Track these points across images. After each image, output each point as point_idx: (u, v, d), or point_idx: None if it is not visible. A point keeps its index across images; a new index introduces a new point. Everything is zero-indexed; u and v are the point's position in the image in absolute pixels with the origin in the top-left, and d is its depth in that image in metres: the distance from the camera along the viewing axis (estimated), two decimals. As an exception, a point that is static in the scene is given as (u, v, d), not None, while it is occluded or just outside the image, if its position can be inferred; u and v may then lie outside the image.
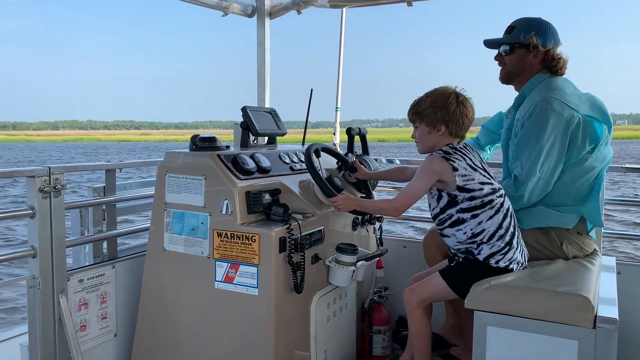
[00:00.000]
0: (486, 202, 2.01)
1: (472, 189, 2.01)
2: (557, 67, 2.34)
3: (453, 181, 2.01)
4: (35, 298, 2.04)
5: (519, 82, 2.42)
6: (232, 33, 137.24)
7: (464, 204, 2.02)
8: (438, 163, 2.03)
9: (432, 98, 2.10)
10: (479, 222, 2.01)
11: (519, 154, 2.23)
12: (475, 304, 1.91)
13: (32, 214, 2.00)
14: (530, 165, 2.17)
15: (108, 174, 2.46)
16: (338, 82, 3.65)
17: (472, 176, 2.02)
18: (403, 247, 3.08)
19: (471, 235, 2.03)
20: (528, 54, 2.34)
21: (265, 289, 2.01)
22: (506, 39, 2.40)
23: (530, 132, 2.19)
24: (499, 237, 2.01)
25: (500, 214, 2.02)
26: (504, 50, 2.40)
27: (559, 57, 2.34)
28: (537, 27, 2.34)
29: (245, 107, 2.52)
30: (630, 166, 2.79)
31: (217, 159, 2.13)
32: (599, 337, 1.72)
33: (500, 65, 2.45)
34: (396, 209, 2.10)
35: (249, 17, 3.65)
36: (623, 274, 2.58)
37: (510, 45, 2.37)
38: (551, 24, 2.38)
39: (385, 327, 2.69)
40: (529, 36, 2.31)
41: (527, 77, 2.38)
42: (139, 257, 2.44)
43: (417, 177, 2.07)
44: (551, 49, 2.33)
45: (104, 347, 2.36)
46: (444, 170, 2.02)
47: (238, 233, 2.04)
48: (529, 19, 2.40)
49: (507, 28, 2.42)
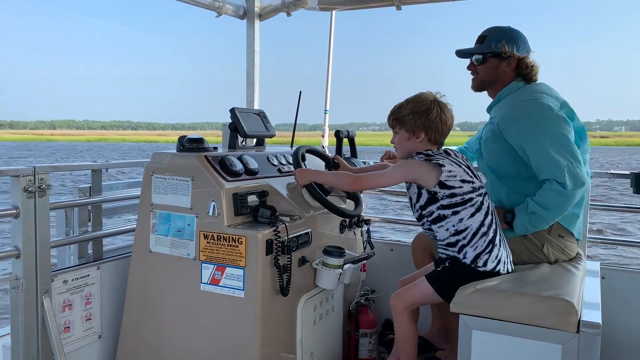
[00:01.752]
0: (466, 200, 2.02)
1: (452, 186, 2.02)
2: (530, 74, 2.37)
3: (434, 178, 2.02)
4: (18, 299, 2.02)
5: (493, 90, 2.44)
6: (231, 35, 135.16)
7: (444, 200, 2.03)
8: (416, 165, 2.06)
9: (413, 105, 2.12)
10: (460, 219, 2.02)
11: (537, 161, 2.18)
12: (460, 307, 1.92)
13: (15, 213, 1.98)
14: (555, 163, 2.13)
15: (94, 174, 2.44)
16: (327, 84, 3.65)
17: (455, 173, 2.03)
18: (390, 250, 3.08)
19: (454, 232, 2.03)
20: (501, 62, 2.36)
21: (251, 291, 2.00)
22: (478, 48, 2.41)
23: (533, 134, 2.18)
24: (482, 235, 2.02)
25: (482, 212, 2.03)
26: (476, 60, 2.42)
27: (531, 65, 2.37)
28: (508, 36, 2.36)
29: (234, 108, 2.52)
30: (615, 172, 2.82)
31: (204, 160, 2.12)
32: (582, 342, 1.73)
33: (473, 74, 2.46)
34: (356, 182, 2.17)
35: (241, 19, 3.65)
36: (607, 278, 2.60)
37: (483, 55, 2.39)
38: (522, 33, 2.40)
39: (372, 330, 2.69)
40: (501, 45, 2.33)
41: (500, 85, 2.40)
42: (125, 258, 2.42)
43: (391, 170, 2.14)
44: (524, 57, 2.36)
45: (88, 348, 2.34)
46: (421, 172, 2.04)
47: (225, 235, 2.03)
48: (499, 28, 2.42)
49: (479, 37, 2.44)
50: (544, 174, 2.17)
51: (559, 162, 2.13)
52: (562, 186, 2.12)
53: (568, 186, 2.11)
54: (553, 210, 2.16)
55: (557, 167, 2.13)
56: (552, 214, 2.17)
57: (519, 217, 2.21)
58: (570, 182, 2.12)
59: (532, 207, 2.17)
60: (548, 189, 2.15)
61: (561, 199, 2.13)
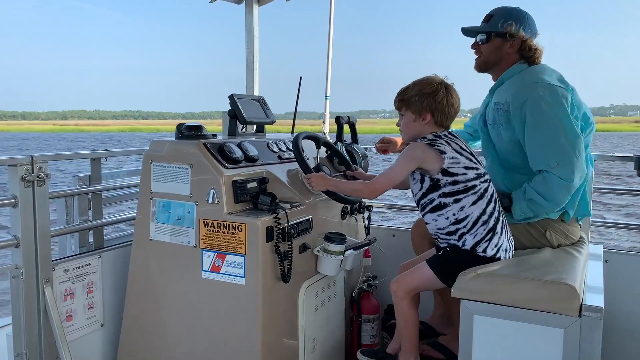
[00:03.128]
0: (469, 187, 2.00)
1: (455, 173, 2.00)
2: (533, 57, 2.33)
3: (437, 166, 2.00)
4: (19, 288, 2.02)
5: (496, 71, 2.41)
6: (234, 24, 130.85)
7: (447, 188, 2.01)
8: (420, 150, 2.03)
9: (420, 86, 2.09)
10: (461, 207, 2.00)
11: (538, 148, 2.15)
12: (461, 293, 1.91)
13: (14, 203, 1.97)
14: (556, 150, 2.11)
15: (93, 162, 2.43)
16: (327, 70, 3.62)
17: (457, 160, 2.01)
18: (392, 236, 3.07)
19: (454, 221, 2.02)
20: (505, 43, 2.33)
21: (252, 278, 2.00)
22: (483, 27, 2.38)
23: (538, 122, 2.15)
24: (482, 223, 2.00)
25: (484, 199, 2.01)
26: (480, 39, 2.38)
27: (535, 48, 2.33)
28: (515, 17, 2.32)
29: (233, 95, 2.49)
30: (619, 154, 2.79)
31: (203, 147, 2.11)
32: (584, 326, 1.72)
33: (476, 53, 2.43)
34: (372, 191, 2.12)
35: (238, 4, 3.61)
36: (611, 262, 2.59)
37: (487, 34, 2.35)
38: (529, 14, 2.35)
39: (374, 316, 2.70)
40: (507, 25, 2.30)
41: (503, 66, 2.36)
42: (126, 247, 2.42)
43: (398, 162, 2.09)
44: (528, 39, 2.32)
45: (91, 337, 2.35)
46: (426, 157, 2.01)
47: (225, 222, 2.02)
48: (507, 8, 2.38)
49: (485, 16, 2.40)
50: (538, 164, 2.15)
51: (554, 151, 2.10)
52: (558, 176, 2.10)
53: (564, 177, 2.09)
54: (551, 199, 2.13)
55: (552, 156, 2.10)
56: (550, 203, 2.14)
57: (517, 203, 2.19)
58: (566, 172, 2.09)
59: (530, 194, 2.15)
60: (544, 178, 2.13)
61: (558, 189, 2.11)
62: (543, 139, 2.13)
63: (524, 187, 2.18)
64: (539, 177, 2.15)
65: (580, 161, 2.11)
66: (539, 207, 2.16)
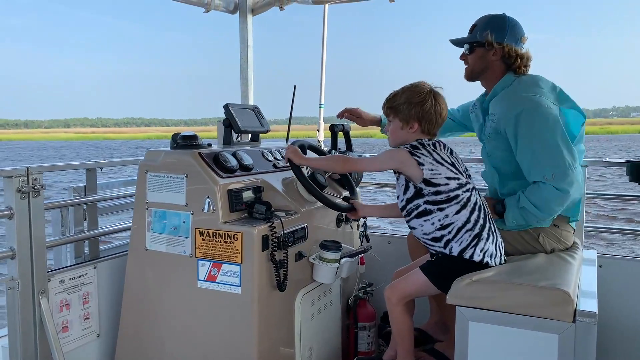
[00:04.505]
0: (452, 197, 2.01)
1: (437, 184, 2.01)
2: (515, 64, 2.33)
3: (419, 175, 2.02)
4: (15, 299, 2.02)
5: (485, 79, 2.43)
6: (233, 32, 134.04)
7: (430, 197, 2.03)
8: (402, 154, 2.06)
9: (408, 94, 2.11)
10: (445, 215, 2.02)
11: (532, 160, 2.17)
12: (456, 299, 1.92)
13: (9, 214, 1.97)
14: (545, 164, 2.13)
15: (88, 173, 2.43)
16: (321, 78, 3.64)
17: (438, 171, 2.02)
18: (387, 243, 3.08)
19: (440, 226, 2.03)
20: (487, 52, 2.34)
21: (248, 287, 2.00)
22: (467, 38, 2.41)
23: (532, 134, 2.16)
24: (467, 231, 2.01)
25: (468, 208, 2.02)
26: (466, 50, 2.41)
27: (515, 55, 2.32)
28: (494, 25, 2.34)
29: (228, 104, 2.51)
30: (610, 160, 2.81)
31: (198, 157, 2.11)
32: (578, 331, 1.73)
33: (465, 63, 2.46)
34: (347, 166, 2.26)
35: (232, 14, 3.63)
36: (604, 267, 2.60)
37: (470, 44, 2.39)
38: (513, 21, 2.35)
39: (371, 323, 2.70)
40: (485, 34, 2.32)
41: (492, 74, 2.38)
42: (121, 257, 2.42)
43: (379, 156, 2.14)
44: (506, 45, 2.32)
45: (87, 347, 2.34)
46: (405, 162, 2.03)
47: (220, 232, 2.03)
48: (490, 16, 2.40)
49: (471, 26, 2.43)
50: (533, 176, 2.16)
51: (549, 163, 2.12)
52: (554, 187, 2.11)
53: (560, 188, 2.11)
54: (545, 209, 2.15)
55: (547, 168, 2.12)
56: (543, 213, 2.16)
57: (510, 211, 2.20)
58: (562, 184, 2.10)
59: (523, 203, 2.17)
60: (539, 188, 2.14)
61: (553, 199, 2.12)
62: (537, 152, 2.15)
63: (518, 196, 2.20)
64: (534, 187, 2.17)
65: (575, 173, 2.13)
66: (531, 216, 2.18)
